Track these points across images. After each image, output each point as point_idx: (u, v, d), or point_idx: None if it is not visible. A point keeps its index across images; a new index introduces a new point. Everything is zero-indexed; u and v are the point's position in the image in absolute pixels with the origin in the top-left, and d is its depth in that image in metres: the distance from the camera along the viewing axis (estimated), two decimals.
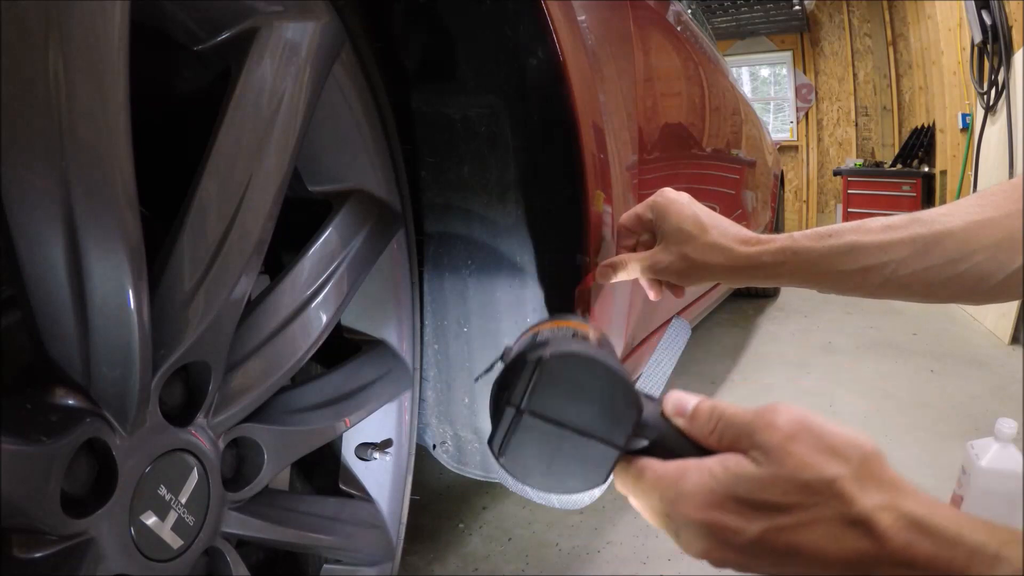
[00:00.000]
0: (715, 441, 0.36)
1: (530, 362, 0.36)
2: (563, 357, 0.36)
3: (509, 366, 0.37)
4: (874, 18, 5.61)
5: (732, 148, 1.68)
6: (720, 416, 0.36)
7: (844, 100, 5.94)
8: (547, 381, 0.36)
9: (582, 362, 0.36)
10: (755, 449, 0.34)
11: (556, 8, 0.58)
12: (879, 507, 0.31)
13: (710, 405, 0.37)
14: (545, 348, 0.36)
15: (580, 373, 0.36)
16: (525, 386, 0.36)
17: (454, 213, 0.68)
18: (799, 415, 0.34)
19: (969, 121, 3.64)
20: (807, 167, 6.12)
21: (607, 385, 0.36)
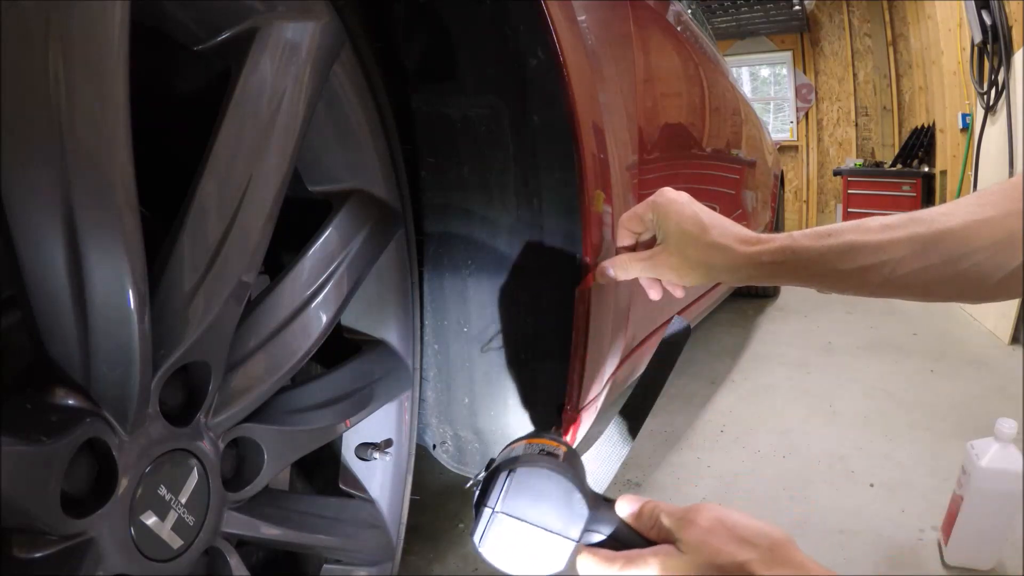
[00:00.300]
0: (655, 534, 0.47)
1: (503, 473, 0.48)
2: (529, 471, 0.47)
3: (488, 475, 0.49)
4: (874, 18, 5.61)
5: (732, 148, 1.68)
6: (657, 516, 0.47)
7: (844, 100, 5.95)
8: (516, 489, 0.47)
9: (544, 475, 0.47)
10: (681, 541, 0.44)
11: (556, 8, 0.58)
12: None
13: (652, 506, 0.48)
14: (516, 462, 0.48)
15: (542, 483, 0.47)
16: (499, 492, 0.47)
17: (454, 213, 0.68)
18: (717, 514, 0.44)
19: (969, 121, 3.64)
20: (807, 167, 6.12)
21: (563, 493, 0.47)
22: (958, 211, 0.48)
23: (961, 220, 0.48)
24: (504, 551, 0.47)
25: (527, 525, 0.47)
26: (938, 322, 2.83)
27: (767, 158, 2.50)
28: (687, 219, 0.57)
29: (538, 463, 0.48)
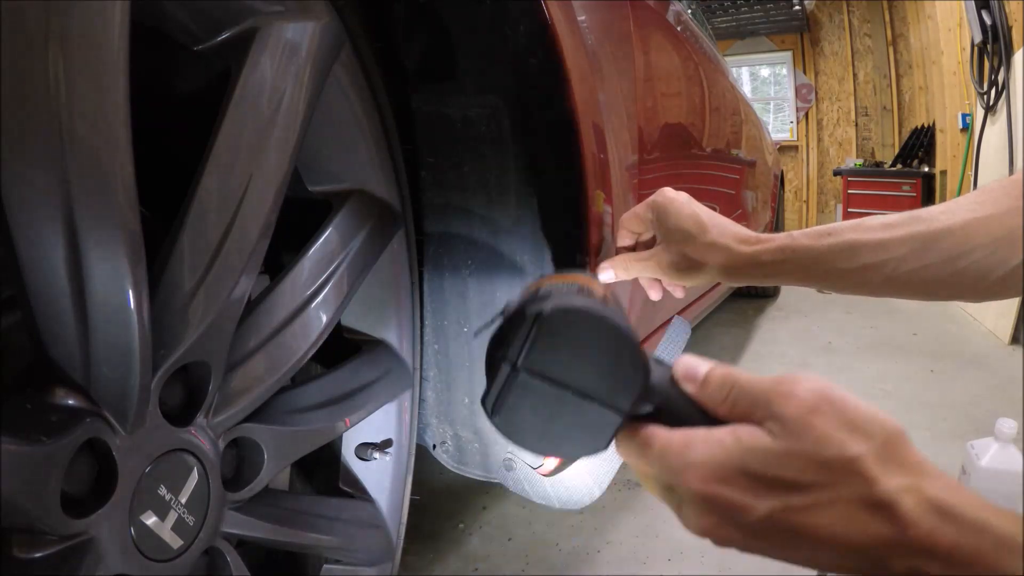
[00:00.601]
0: (727, 410, 0.34)
1: (529, 316, 0.33)
2: (565, 312, 0.33)
3: (507, 320, 0.34)
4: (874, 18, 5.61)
5: (732, 148, 1.68)
6: (734, 383, 0.34)
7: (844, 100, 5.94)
8: (546, 337, 0.33)
9: (586, 318, 0.33)
10: (771, 420, 0.31)
11: (556, 8, 0.58)
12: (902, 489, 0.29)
13: (723, 372, 0.35)
14: (546, 302, 0.33)
15: (583, 330, 0.33)
16: (523, 342, 0.33)
17: (454, 213, 0.68)
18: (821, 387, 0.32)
19: (969, 121, 3.64)
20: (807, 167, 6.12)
21: (612, 345, 0.33)
22: (958, 209, 0.48)
23: (961, 218, 0.47)
24: (526, 424, 0.34)
25: (559, 389, 0.33)
26: (938, 322, 2.83)
27: (767, 158, 2.50)
28: (687, 219, 0.57)
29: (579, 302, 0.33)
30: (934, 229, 0.48)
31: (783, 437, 0.31)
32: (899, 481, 0.29)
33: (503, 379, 0.33)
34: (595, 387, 0.33)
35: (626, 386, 0.33)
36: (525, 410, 0.34)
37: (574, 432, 0.34)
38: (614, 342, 0.33)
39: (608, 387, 0.33)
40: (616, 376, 0.33)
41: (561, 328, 0.33)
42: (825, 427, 0.30)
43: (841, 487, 0.30)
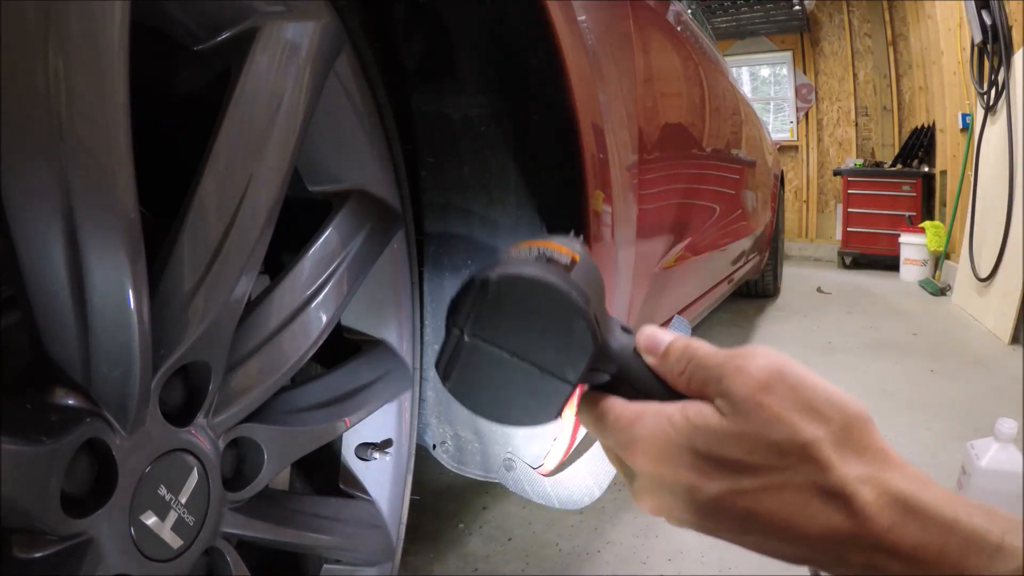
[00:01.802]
0: (684, 384, 0.32)
1: (476, 282, 0.33)
2: (512, 279, 0.32)
3: (461, 287, 0.34)
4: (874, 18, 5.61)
5: (732, 148, 1.68)
6: (692, 356, 0.32)
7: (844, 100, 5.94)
8: (493, 304, 0.32)
9: (532, 286, 0.32)
10: (721, 397, 0.29)
11: (556, 8, 0.58)
12: (860, 479, 0.27)
13: (684, 344, 0.33)
14: (496, 268, 0.33)
15: (530, 298, 0.32)
16: (469, 308, 0.33)
17: (454, 213, 0.68)
18: (777, 363, 0.29)
19: (969, 121, 3.64)
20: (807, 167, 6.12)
21: (560, 314, 0.32)
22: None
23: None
24: (477, 390, 0.34)
25: (508, 356, 0.33)
26: (938, 322, 2.83)
27: (767, 158, 2.50)
28: None
29: (527, 269, 0.33)
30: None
31: (731, 416, 0.29)
32: (857, 470, 0.27)
33: (453, 344, 0.33)
34: (543, 356, 0.32)
35: (574, 356, 0.32)
36: (476, 376, 0.33)
37: (524, 400, 0.33)
38: (562, 312, 0.32)
39: (556, 357, 0.32)
40: (564, 346, 0.32)
41: (508, 296, 0.32)
42: (776, 407, 0.28)
43: (792, 472, 0.27)
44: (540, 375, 0.33)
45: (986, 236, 2.90)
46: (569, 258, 0.36)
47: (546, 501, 0.79)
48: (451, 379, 0.34)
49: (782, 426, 0.28)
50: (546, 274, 0.32)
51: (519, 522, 1.15)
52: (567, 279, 0.33)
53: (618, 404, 0.33)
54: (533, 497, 0.79)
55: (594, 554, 1.07)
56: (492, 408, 0.34)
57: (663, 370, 0.33)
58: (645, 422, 0.31)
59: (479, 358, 0.33)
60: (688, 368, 0.32)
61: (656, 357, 0.34)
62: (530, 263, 0.34)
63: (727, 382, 0.29)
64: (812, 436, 0.27)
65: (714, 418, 0.29)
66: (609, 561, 1.05)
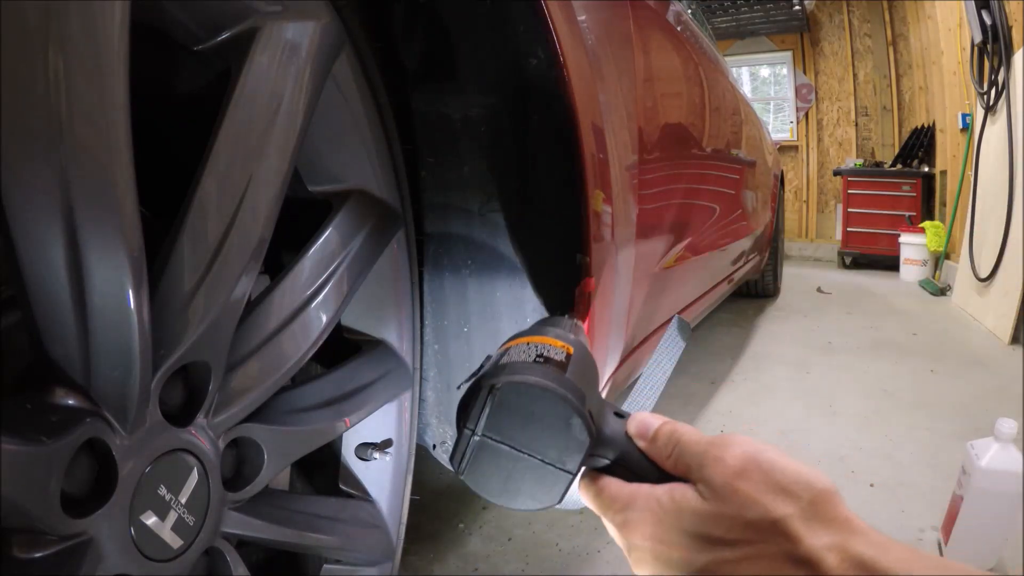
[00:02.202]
0: (671, 466, 0.37)
1: (484, 389, 0.38)
2: (515, 386, 0.38)
3: (469, 389, 0.40)
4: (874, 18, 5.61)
5: (732, 148, 1.68)
6: (677, 442, 0.37)
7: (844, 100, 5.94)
8: (500, 408, 0.38)
9: (534, 391, 0.37)
10: (703, 483, 0.34)
11: (556, 8, 0.58)
12: (826, 547, 0.30)
13: (669, 430, 0.38)
14: (500, 375, 0.38)
15: (533, 401, 0.37)
16: (479, 411, 0.38)
17: (454, 213, 0.68)
18: (750, 451, 0.34)
19: (969, 121, 3.64)
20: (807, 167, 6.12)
21: (559, 414, 0.37)
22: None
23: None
24: (490, 480, 0.39)
25: (514, 451, 0.38)
26: (938, 322, 2.83)
27: (767, 158, 2.50)
28: None
29: (528, 375, 0.38)
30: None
31: (711, 499, 0.33)
32: (824, 539, 0.31)
33: (466, 443, 0.38)
34: (545, 450, 0.38)
35: (572, 450, 0.37)
36: (487, 468, 0.38)
37: (530, 488, 0.38)
38: (559, 412, 0.37)
39: (556, 451, 0.38)
40: (563, 441, 0.37)
41: (513, 400, 0.38)
42: (751, 491, 0.32)
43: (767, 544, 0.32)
44: (543, 466, 0.38)
45: (986, 236, 2.90)
46: (564, 353, 0.42)
47: None
48: (466, 472, 0.39)
49: (756, 507, 0.32)
50: (544, 380, 0.38)
51: (519, 522, 1.15)
52: (563, 380, 0.38)
53: (614, 485, 0.38)
54: None
55: (594, 554, 1.07)
56: (503, 494, 0.39)
57: (652, 453, 0.38)
58: (637, 504, 0.36)
59: (489, 454, 0.38)
60: (674, 453, 0.37)
61: (646, 441, 0.38)
62: (529, 367, 0.39)
63: (707, 470, 0.34)
64: (783, 514, 0.32)
65: (696, 501, 0.34)
66: (609, 561, 1.05)
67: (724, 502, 0.33)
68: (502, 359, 0.41)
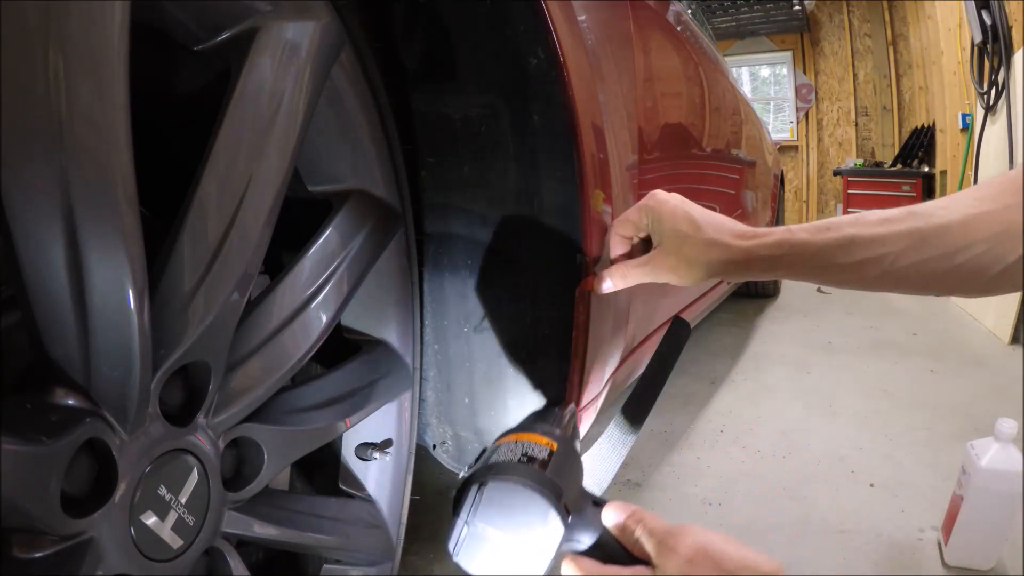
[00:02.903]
0: (637, 551, 0.45)
1: (474, 486, 0.46)
2: (501, 484, 0.46)
3: (462, 483, 0.48)
4: (874, 18, 5.61)
5: (732, 148, 1.68)
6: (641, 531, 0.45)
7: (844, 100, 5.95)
8: (487, 503, 0.46)
9: (517, 491, 0.45)
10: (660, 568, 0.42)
11: (556, 8, 0.58)
12: None
13: (636, 519, 0.46)
14: (487, 475, 0.46)
15: (514, 497, 0.45)
16: (471, 504, 0.46)
17: (454, 213, 0.68)
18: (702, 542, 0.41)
19: (969, 121, 3.64)
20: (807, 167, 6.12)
21: (536, 508, 0.45)
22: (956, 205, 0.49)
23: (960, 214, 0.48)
24: (481, 561, 0.46)
25: (500, 536, 0.46)
26: (938, 322, 2.83)
27: (767, 158, 2.50)
28: (681, 219, 0.56)
29: (511, 475, 0.46)
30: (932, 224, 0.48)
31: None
32: None
33: (459, 531, 0.47)
34: (527, 539, 0.45)
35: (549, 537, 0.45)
36: (478, 551, 0.46)
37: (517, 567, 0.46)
38: (538, 506, 0.45)
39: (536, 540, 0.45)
40: (541, 529, 0.45)
41: (497, 496, 0.46)
42: None
43: None
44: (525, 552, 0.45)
45: None
46: (548, 450, 0.50)
47: None
48: (460, 555, 0.46)
49: None
50: (525, 480, 0.46)
51: None
52: (542, 478, 0.46)
53: (590, 566, 0.46)
54: None
55: None
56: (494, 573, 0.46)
57: (622, 539, 0.47)
58: None
59: (479, 540, 0.46)
60: (639, 540, 0.45)
61: (617, 529, 0.47)
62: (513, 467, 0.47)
63: (662, 558, 0.42)
64: None
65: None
66: None
67: None
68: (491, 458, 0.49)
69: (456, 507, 0.47)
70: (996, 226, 0.46)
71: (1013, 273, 0.47)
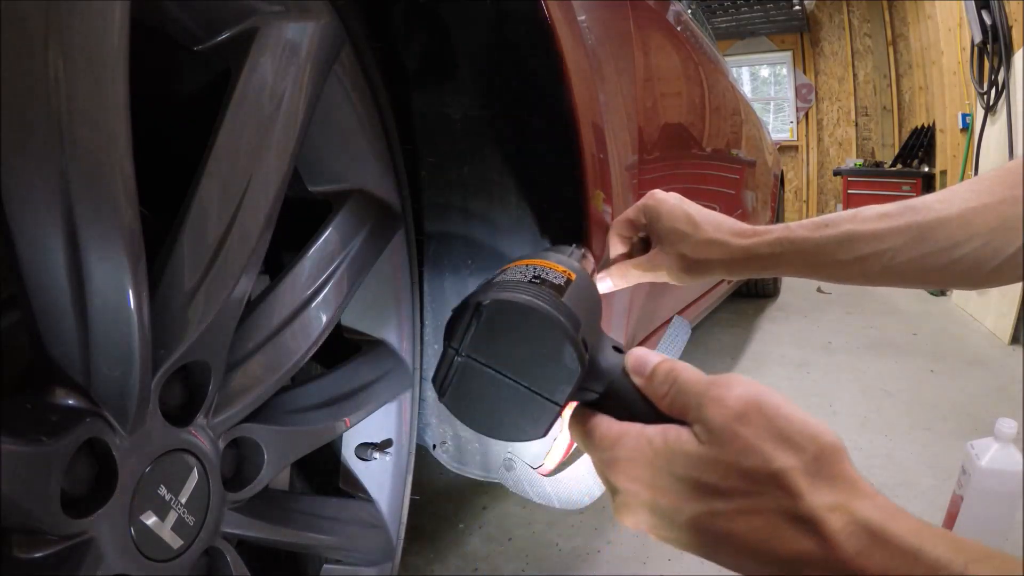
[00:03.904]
0: (667, 406, 0.34)
1: (470, 306, 0.35)
2: (503, 304, 0.34)
3: (457, 307, 0.36)
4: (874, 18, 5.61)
5: (732, 148, 1.68)
6: (675, 380, 0.34)
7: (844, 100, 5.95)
8: (486, 327, 0.35)
9: (522, 312, 0.34)
10: (700, 424, 0.31)
11: (556, 8, 0.58)
12: (830, 507, 0.28)
13: (668, 367, 0.35)
14: (489, 292, 0.35)
15: (521, 323, 0.34)
16: (464, 330, 0.35)
17: (454, 213, 0.68)
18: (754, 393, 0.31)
19: (969, 121, 3.64)
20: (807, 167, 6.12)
21: (549, 340, 0.34)
22: (954, 199, 0.49)
23: (957, 208, 0.48)
24: (471, 406, 0.36)
25: (500, 376, 0.35)
26: (938, 322, 2.83)
27: (767, 158, 2.50)
28: (680, 218, 0.56)
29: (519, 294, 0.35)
30: (930, 219, 0.48)
31: (708, 443, 0.31)
32: (827, 498, 0.28)
33: (449, 363, 0.35)
34: (533, 378, 0.34)
35: (562, 379, 0.34)
36: (470, 393, 0.35)
37: (514, 418, 0.35)
38: (550, 337, 0.34)
39: (544, 379, 0.34)
40: (552, 369, 0.34)
41: (500, 320, 0.34)
42: (750, 437, 0.30)
43: (764, 498, 0.29)
44: (530, 395, 0.35)
45: None
46: (564, 277, 0.38)
47: (546, 501, 0.79)
48: (447, 395, 0.36)
49: (756, 455, 0.29)
50: (535, 300, 0.34)
51: (519, 522, 1.15)
52: (557, 303, 0.35)
53: (604, 422, 0.35)
54: (533, 497, 0.79)
55: (594, 554, 1.07)
56: (485, 423, 0.36)
57: (648, 391, 0.35)
58: (626, 442, 0.33)
59: (473, 377, 0.35)
60: (671, 392, 0.34)
61: (643, 378, 0.36)
62: (523, 286, 0.36)
63: (705, 410, 0.31)
64: (784, 465, 0.29)
65: (691, 444, 0.31)
66: (609, 561, 1.05)
67: (722, 447, 0.30)
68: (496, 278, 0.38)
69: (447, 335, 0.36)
70: (994, 219, 0.46)
71: (1012, 265, 0.47)
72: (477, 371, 0.35)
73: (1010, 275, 0.47)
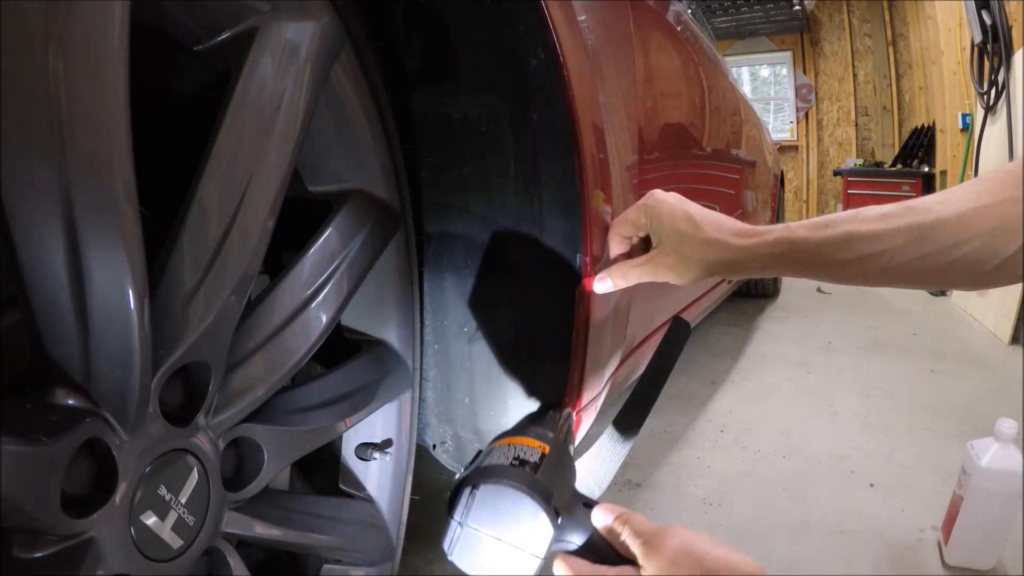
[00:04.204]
0: (624, 551, 0.46)
1: (466, 489, 0.48)
2: (492, 487, 0.47)
3: (455, 486, 0.49)
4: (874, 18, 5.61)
5: (732, 148, 1.68)
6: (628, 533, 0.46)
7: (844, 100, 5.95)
8: (479, 505, 0.47)
9: (507, 493, 0.47)
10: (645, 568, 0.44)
11: (556, 8, 0.58)
12: None
13: (622, 521, 0.47)
14: (479, 479, 0.48)
15: (505, 500, 0.47)
16: (464, 507, 0.48)
17: (454, 213, 0.68)
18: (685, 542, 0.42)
19: (969, 121, 3.64)
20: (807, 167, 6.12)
21: (526, 511, 0.46)
22: (954, 199, 0.49)
23: (957, 208, 0.48)
24: (474, 561, 0.47)
25: (492, 538, 0.47)
26: (938, 322, 2.83)
27: (767, 158, 2.50)
28: (680, 218, 0.56)
29: (502, 478, 0.47)
30: (930, 219, 0.48)
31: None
32: None
33: (453, 531, 0.48)
34: (518, 539, 0.47)
35: (539, 538, 0.47)
36: (472, 551, 0.48)
37: (507, 568, 0.47)
38: (528, 508, 0.46)
39: (526, 540, 0.47)
40: (531, 532, 0.47)
41: (489, 499, 0.47)
42: None
43: None
44: (517, 551, 0.47)
45: None
46: (539, 453, 0.51)
47: None
48: (454, 554, 0.48)
49: None
50: (514, 482, 0.47)
51: None
52: (532, 481, 0.48)
53: (581, 565, 0.48)
54: None
55: None
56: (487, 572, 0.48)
57: (611, 540, 0.48)
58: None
59: (472, 540, 0.47)
60: (625, 540, 0.46)
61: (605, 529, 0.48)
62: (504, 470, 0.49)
63: (646, 559, 0.44)
64: None
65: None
66: None
67: None
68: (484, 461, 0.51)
69: (450, 508, 0.49)
70: (993, 220, 0.46)
71: (1012, 266, 0.47)
72: (475, 536, 0.47)
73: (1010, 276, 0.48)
